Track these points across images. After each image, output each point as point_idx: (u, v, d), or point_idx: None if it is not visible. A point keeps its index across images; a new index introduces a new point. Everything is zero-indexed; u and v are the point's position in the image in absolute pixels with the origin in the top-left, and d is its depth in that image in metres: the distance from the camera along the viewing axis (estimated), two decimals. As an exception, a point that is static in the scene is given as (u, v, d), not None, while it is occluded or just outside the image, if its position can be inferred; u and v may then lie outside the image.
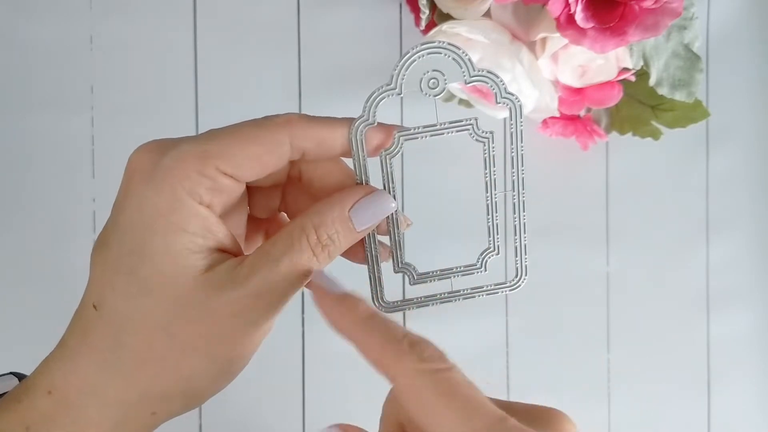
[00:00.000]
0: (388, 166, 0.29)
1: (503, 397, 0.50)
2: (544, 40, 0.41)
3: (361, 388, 0.49)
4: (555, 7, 0.37)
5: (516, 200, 0.30)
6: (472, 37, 0.40)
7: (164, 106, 0.48)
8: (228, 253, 0.27)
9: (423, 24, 0.42)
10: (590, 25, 0.37)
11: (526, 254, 0.30)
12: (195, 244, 0.26)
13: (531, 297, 0.51)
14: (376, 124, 0.28)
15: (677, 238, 0.53)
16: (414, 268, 0.30)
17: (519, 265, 0.30)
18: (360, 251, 0.29)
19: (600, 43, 0.37)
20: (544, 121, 0.46)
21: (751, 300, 0.53)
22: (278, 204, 0.31)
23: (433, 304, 0.30)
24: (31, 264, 0.47)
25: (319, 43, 0.49)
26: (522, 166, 0.29)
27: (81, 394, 0.26)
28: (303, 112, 0.49)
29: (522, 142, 0.29)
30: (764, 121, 0.53)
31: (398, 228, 0.29)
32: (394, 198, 0.29)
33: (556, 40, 0.40)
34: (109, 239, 0.27)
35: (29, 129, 0.47)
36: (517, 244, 0.30)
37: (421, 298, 0.30)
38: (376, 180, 0.28)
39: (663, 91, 0.41)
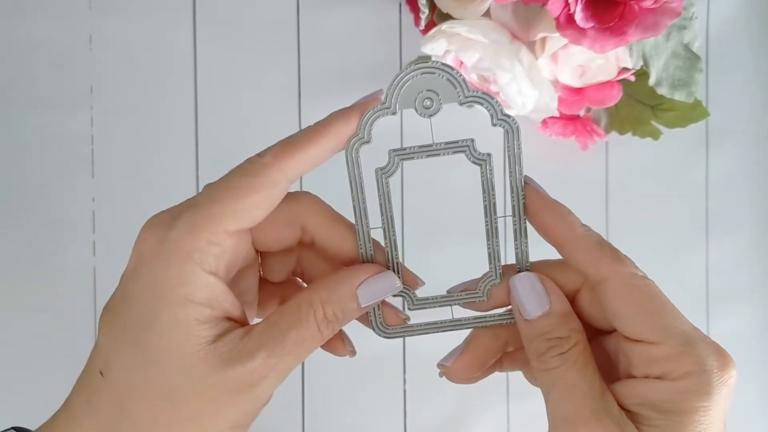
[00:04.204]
0: (385, 185, 0.28)
1: (503, 397, 0.50)
2: (543, 40, 0.41)
3: (360, 388, 0.49)
4: (555, 7, 0.37)
5: (517, 227, 0.29)
6: (472, 37, 0.40)
7: (164, 106, 0.48)
8: (235, 321, 0.28)
9: (422, 24, 0.42)
10: (590, 25, 0.37)
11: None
12: (202, 314, 0.26)
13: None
14: (370, 141, 0.28)
15: (677, 238, 0.53)
16: (413, 292, 0.30)
17: None
18: None
19: (600, 43, 0.37)
20: (544, 121, 0.46)
21: (751, 300, 0.53)
22: (293, 268, 0.32)
23: (434, 332, 0.29)
24: (30, 264, 0.47)
25: (319, 43, 0.49)
26: (522, 191, 0.28)
27: None
28: (303, 111, 0.49)
29: (521, 165, 0.28)
30: (764, 121, 0.53)
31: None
32: (394, 231, 0.29)
33: (556, 39, 0.40)
34: (118, 308, 0.27)
35: (29, 129, 0.47)
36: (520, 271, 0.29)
37: (422, 324, 0.29)
38: (372, 201, 0.28)
39: (662, 91, 0.41)
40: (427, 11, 0.41)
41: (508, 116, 0.27)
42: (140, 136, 0.48)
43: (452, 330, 0.30)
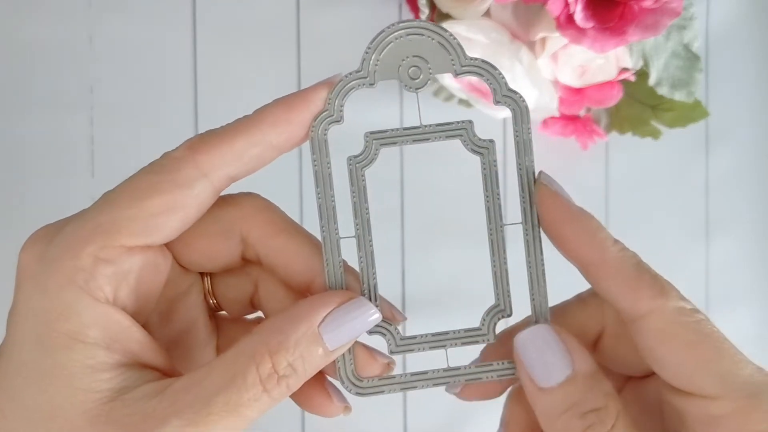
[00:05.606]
0: (360, 179, 0.22)
1: (502, 402, 0.50)
2: (543, 39, 0.41)
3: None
4: (555, 7, 0.36)
5: (529, 237, 0.22)
6: (472, 37, 0.40)
7: (164, 106, 0.48)
8: (153, 369, 0.21)
9: (423, 24, 0.42)
10: (590, 24, 0.37)
11: (548, 319, 0.22)
12: (94, 359, 0.20)
13: (531, 297, 0.51)
14: (341, 121, 0.22)
15: (677, 238, 0.53)
16: (395, 329, 0.22)
17: None
18: None
19: (600, 43, 0.37)
20: (544, 121, 0.46)
21: (751, 300, 0.53)
22: (249, 296, 0.25)
23: (423, 386, 0.22)
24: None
25: (319, 43, 0.49)
26: (534, 188, 0.22)
27: None
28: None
29: (531, 156, 0.22)
30: (764, 121, 0.53)
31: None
32: (371, 241, 0.22)
33: (556, 39, 0.40)
34: (3, 352, 0.22)
35: (28, 129, 0.47)
36: (535, 301, 0.23)
37: (407, 375, 0.22)
38: (344, 196, 0.22)
39: (663, 91, 0.41)
40: (427, 11, 0.41)
41: (515, 92, 0.22)
42: (140, 136, 0.48)
43: (447, 383, 0.23)
